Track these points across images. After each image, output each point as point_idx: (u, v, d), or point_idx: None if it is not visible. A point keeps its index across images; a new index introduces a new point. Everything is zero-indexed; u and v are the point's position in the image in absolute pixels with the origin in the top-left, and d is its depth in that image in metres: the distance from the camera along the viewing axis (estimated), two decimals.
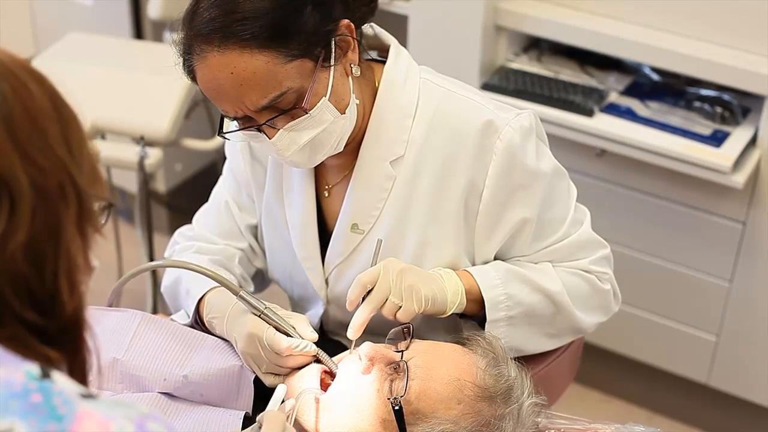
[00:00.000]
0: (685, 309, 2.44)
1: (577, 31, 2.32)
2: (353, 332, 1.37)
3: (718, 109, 2.29)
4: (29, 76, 0.86)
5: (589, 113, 2.29)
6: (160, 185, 2.97)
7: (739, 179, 2.18)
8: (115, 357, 1.41)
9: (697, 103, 2.32)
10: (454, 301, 1.44)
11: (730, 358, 2.43)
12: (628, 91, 2.40)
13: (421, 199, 1.47)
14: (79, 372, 0.87)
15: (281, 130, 1.36)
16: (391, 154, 1.46)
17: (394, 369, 1.31)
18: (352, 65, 1.40)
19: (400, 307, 1.37)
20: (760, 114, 2.23)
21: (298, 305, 1.66)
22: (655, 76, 2.44)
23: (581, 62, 2.47)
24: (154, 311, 2.57)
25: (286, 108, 1.34)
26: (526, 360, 1.45)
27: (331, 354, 1.39)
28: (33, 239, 0.82)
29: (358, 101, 1.42)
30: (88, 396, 0.80)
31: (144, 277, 2.56)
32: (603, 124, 2.27)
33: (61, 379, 0.80)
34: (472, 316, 1.50)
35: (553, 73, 2.43)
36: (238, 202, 1.63)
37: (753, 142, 2.25)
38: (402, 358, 1.32)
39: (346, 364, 1.35)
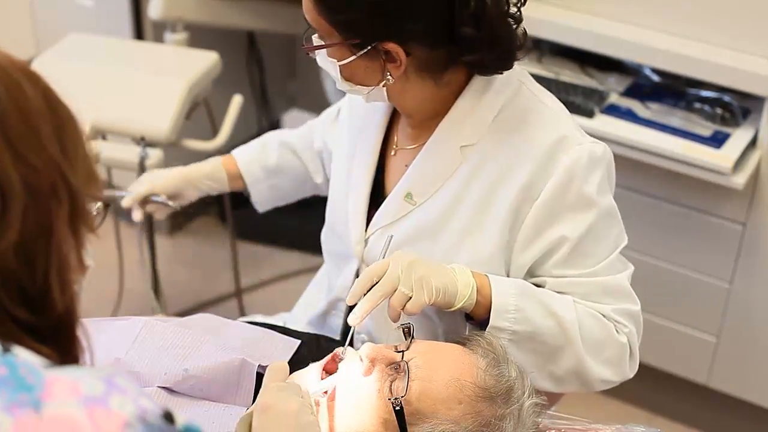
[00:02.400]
0: (685, 310, 2.44)
1: (577, 33, 2.32)
2: (355, 318, 1.36)
3: (719, 111, 2.29)
4: (23, 76, 0.86)
5: (589, 114, 2.29)
6: None
7: (740, 180, 2.18)
8: (117, 357, 1.41)
9: (697, 105, 2.32)
10: (465, 294, 1.41)
11: (730, 359, 2.43)
12: (629, 93, 2.40)
13: (478, 191, 1.49)
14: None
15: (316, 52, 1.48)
16: (464, 139, 1.50)
17: (395, 369, 1.32)
18: (389, 73, 1.45)
19: (410, 298, 1.36)
20: (760, 115, 2.23)
21: (336, 265, 1.68)
22: (655, 78, 2.44)
23: (582, 63, 2.47)
24: (152, 312, 2.57)
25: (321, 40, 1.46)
26: None
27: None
28: (24, 238, 0.82)
29: (389, 80, 1.47)
30: (52, 365, 0.81)
31: (143, 277, 2.56)
32: (603, 125, 2.28)
33: (22, 353, 0.81)
34: (479, 321, 1.47)
35: (553, 74, 2.43)
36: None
37: (753, 143, 2.25)
38: (402, 358, 1.32)
39: (347, 365, 1.35)
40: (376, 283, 1.37)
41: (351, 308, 1.62)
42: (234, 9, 2.90)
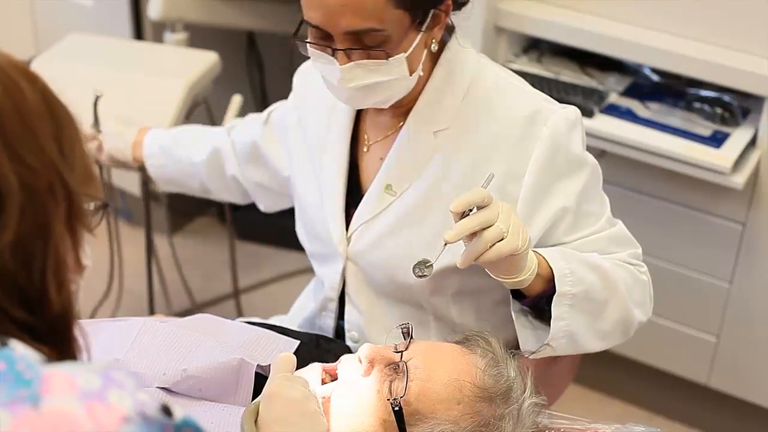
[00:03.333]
0: (685, 310, 2.44)
1: (577, 32, 2.32)
2: (453, 235, 1.31)
3: (718, 110, 2.29)
4: (21, 76, 0.86)
5: (589, 114, 2.29)
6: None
7: (739, 180, 2.18)
8: (116, 357, 1.41)
9: (697, 104, 2.32)
10: (532, 262, 1.40)
11: (730, 359, 2.43)
12: (628, 92, 2.40)
13: (458, 174, 1.50)
14: None
15: (353, 62, 1.40)
16: (436, 124, 1.51)
17: (394, 370, 1.32)
18: (433, 40, 1.47)
19: (504, 237, 1.32)
20: (759, 115, 2.23)
21: (320, 265, 1.68)
22: (655, 77, 2.44)
23: (581, 63, 2.47)
24: (151, 312, 2.57)
25: (369, 45, 1.40)
26: (526, 360, 1.45)
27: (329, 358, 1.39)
28: (21, 238, 0.83)
29: (422, 73, 1.48)
30: (48, 361, 0.81)
31: (143, 278, 2.56)
32: (603, 124, 2.28)
33: (19, 347, 0.81)
34: (531, 297, 1.46)
35: (553, 74, 2.43)
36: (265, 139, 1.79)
37: (753, 142, 2.25)
38: (401, 358, 1.32)
39: (346, 365, 1.35)
40: (467, 213, 1.32)
41: (342, 309, 1.63)
42: (234, 9, 2.90)
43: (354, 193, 1.60)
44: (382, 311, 1.60)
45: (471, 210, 1.32)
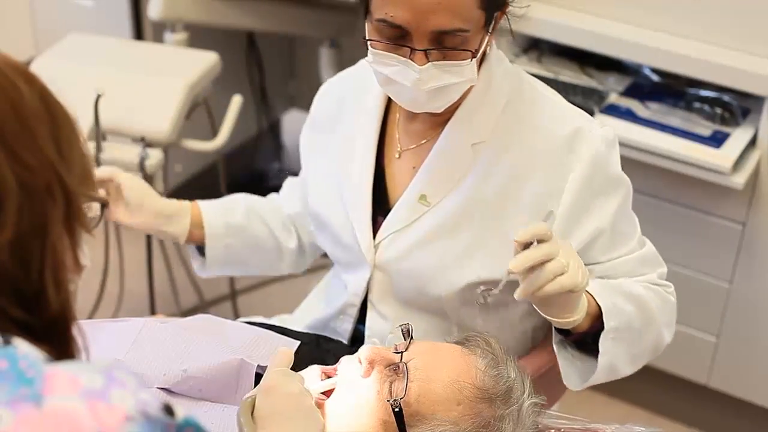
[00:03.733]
0: (685, 310, 2.43)
1: (577, 32, 2.32)
2: (517, 265, 1.31)
3: (718, 110, 2.29)
4: (19, 76, 0.86)
5: (589, 114, 2.28)
6: (159, 186, 2.96)
7: (739, 180, 2.18)
8: (117, 358, 1.41)
9: (696, 104, 2.32)
10: (584, 302, 1.41)
11: (730, 359, 2.43)
12: (628, 92, 2.40)
13: (495, 187, 1.49)
14: None
15: (430, 63, 1.37)
16: (475, 136, 1.50)
17: (394, 370, 1.31)
18: (489, 46, 1.45)
19: (565, 272, 1.32)
20: (759, 115, 2.23)
21: (344, 270, 1.65)
22: (655, 77, 2.44)
23: (581, 63, 2.47)
24: (152, 312, 2.57)
25: (448, 46, 1.37)
26: (527, 362, 1.45)
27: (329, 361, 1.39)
28: (19, 237, 0.83)
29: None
30: (50, 360, 0.81)
31: (143, 278, 2.56)
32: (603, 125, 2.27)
33: (22, 345, 0.81)
34: (579, 334, 1.47)
35: (553, 74, 2.43)
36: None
37: (753, 142, 2.25)
38: (401, 359, 1.32)
39: (346, 366, 1.35)
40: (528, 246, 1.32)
41: (362, 314, 1.61)
42: (234, 9, 2.90)
43: (380, 200, 1.58)
44: (406, 319, 1.57)
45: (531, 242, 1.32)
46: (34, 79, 0.88)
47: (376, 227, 1.57)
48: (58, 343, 0.87)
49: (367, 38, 1.41)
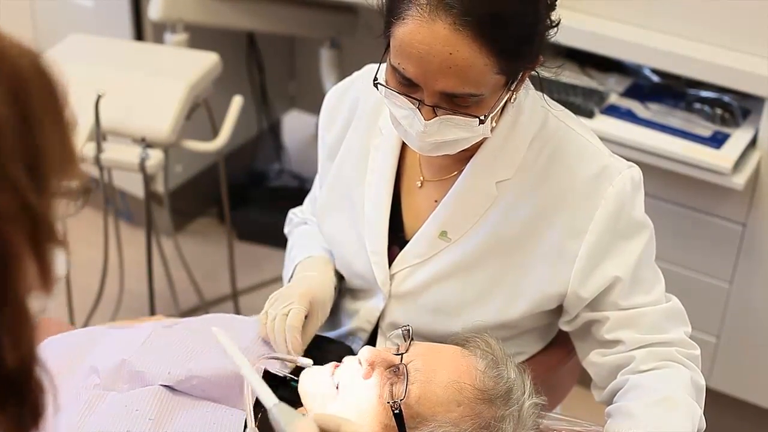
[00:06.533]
0: (686, 310, 2.44)
1: (577, 33, 2.32)
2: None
3: (718, 111, 2.29)
4: None
5: (589, 115, 2.29)
6: (160, 186, 2.97)
7: (739, 181, 2.18)
8: (123, 358, 1.41)
9: (697, 105, 2.32)
10: None
11: (731, 360, 2.43)
12: (629, 93, 2.40)
13: (517, 226, 1.46)
14: (30, 414, 0.80)
15: (438, 117, 1.33)
16: (499, 174, 1.46)
17: (394, 372, 1.31)
18: (514, 96, 1.40)
19: None
20: (760, 115, 2.23)
21: (355, 296, 1.62)
22: (655, 78, 2.44)
23: (581, 64, 2.47)
24: (152, 312, 2.57)
25: (460, 105, 1.33)
26: (527, 364, 1.45)
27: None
28: None
29: (495, 124, 1.42)
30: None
31: (143, 278, 2.56)
32: (603, 125, 2.27)
33: None
34: None
35: (553, 74, 2.43)
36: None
37: (753, 143, 2.25)
38: (401, 361, 1.32)
39: (347, 369, 1.35)
40: None
41: (373, 338, 1.59)
42: (234, 9, 2.90)
43: (395, 229, 1.54)
44: None
45: None
46: (5, 75, 0.75)
47: (391, 256, 1.53)
48: (19, 392, 0.78)
49: (378, 81, 1.37)
